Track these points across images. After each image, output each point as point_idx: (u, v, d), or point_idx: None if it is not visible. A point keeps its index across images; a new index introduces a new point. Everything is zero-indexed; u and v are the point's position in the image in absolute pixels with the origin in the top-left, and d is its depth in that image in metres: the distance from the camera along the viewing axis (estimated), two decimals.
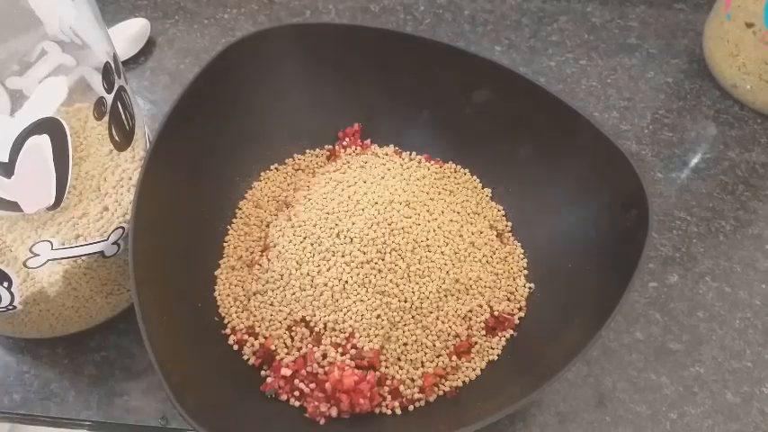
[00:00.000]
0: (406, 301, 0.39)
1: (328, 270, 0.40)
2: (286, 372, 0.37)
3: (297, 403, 0.37)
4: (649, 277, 0.45)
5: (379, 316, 0.38)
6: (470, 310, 0.40)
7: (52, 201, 0.32)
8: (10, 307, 0.35)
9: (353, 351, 0.38)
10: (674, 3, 0.63)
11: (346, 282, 0.39)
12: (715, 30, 0.55)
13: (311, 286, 0.39)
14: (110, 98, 0.34)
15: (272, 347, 0.38)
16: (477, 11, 0.62)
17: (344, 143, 0.48)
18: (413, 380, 0.38)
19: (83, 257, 0.36)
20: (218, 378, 0.37)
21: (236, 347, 0.39)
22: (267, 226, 0.44)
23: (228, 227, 0.44)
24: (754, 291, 0.45)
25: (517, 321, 0.41)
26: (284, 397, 0.37)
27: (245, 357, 0.38)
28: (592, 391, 0.40)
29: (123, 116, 0.36)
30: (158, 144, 0.38)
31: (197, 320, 0.39)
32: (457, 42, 0.59)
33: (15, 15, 0.28)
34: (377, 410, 0.37)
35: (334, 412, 0.36)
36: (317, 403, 0.36)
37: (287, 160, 0.48)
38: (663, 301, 0.44)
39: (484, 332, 0.40)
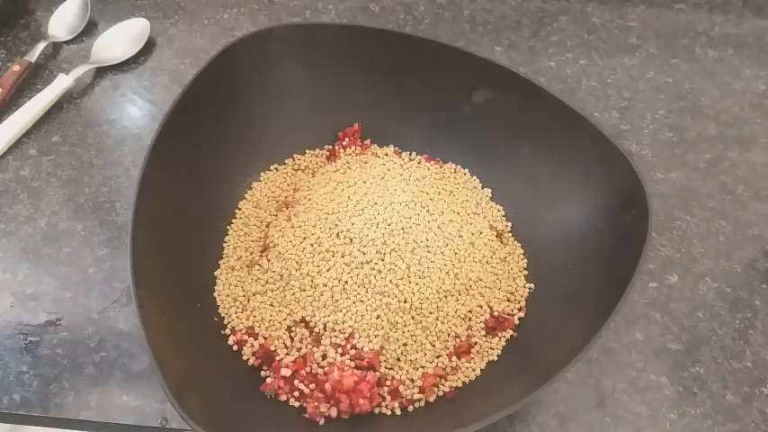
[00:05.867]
0: (405, 302, 0.39)
1: (328, 270, 0.40)
2: (286, 372, 0.37)
3: (296, 403, 0.37)
4: (649, 277, 0.45)
5: (378, 316, 0.38)
6: (470, 311, 0.40)
7: None
8: None
9: (353, 351, 0.38)
10: (674, 3, 0.63)
11: (346, 282, 0.39)
12: None
13: (311, 287, 0.39)
14: None
15: (272, 348, 0.38)
16: (477, 11, 0.62)
17: (344, 143, 0.48)
18: (412, 380, 0.38)
19: None
20: (218, 378, 0.37)
21: (235, 348, 0.39)
22: (267, 226, 0.44)
23: (228, 227, 0.44)
24: (755, 291, 0.44)
25: (517, 321, 0.41)
26: (284, 397, 0.37)
27: (245, 358, 0.38)
28: (592, 392, 0.40)
29: None
30: (158, 144, 0.38)
31: (197, 320, 0.39)
32: (457, 42, 0.59)
33: None
34: (376, 411, 0.37)
35: (333, 412, 0.36)
36: (316, 403, 0.36)
37: (287, 160, 0.48)
38: (663, 301, 0.44)
39: (484, 332, 0.40)
